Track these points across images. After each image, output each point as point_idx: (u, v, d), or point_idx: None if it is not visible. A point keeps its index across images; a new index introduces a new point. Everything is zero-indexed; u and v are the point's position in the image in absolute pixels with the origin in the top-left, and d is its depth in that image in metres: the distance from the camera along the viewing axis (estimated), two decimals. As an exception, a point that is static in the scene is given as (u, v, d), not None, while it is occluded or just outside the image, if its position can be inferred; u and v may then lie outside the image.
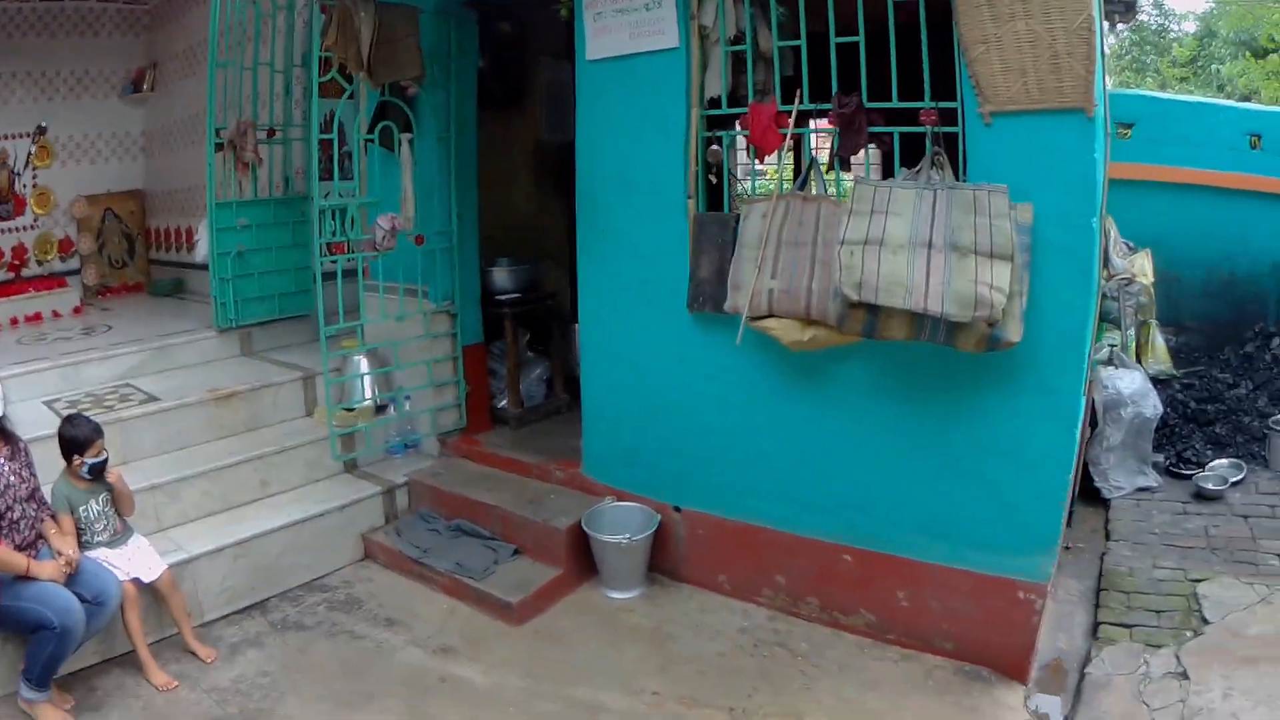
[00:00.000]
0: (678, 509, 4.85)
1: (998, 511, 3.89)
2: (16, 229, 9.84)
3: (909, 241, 3.62)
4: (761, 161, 4.38)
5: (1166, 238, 7.56)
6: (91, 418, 4.43)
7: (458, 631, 4.63)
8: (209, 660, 4.41)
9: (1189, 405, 6.83)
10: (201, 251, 7.11)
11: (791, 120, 4.15)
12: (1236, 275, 7.78)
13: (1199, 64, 25.12)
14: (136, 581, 4.30)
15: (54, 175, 10.12)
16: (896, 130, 3.98)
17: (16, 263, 9.81)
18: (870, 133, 4.05)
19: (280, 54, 6.91)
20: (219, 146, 6.75)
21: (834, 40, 4.02)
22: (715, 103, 4.48)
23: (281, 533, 5.12)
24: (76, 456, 4.22)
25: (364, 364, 5.99)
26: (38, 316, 8.68)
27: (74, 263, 10.15)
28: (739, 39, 4.36)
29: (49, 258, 9.96)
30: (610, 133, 4.85)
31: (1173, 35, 28.26)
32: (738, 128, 4.44)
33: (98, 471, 4.28)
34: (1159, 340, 6.99)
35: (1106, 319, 6.46)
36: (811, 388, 4.26)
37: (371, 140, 5.69)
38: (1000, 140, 3.70)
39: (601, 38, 4.77)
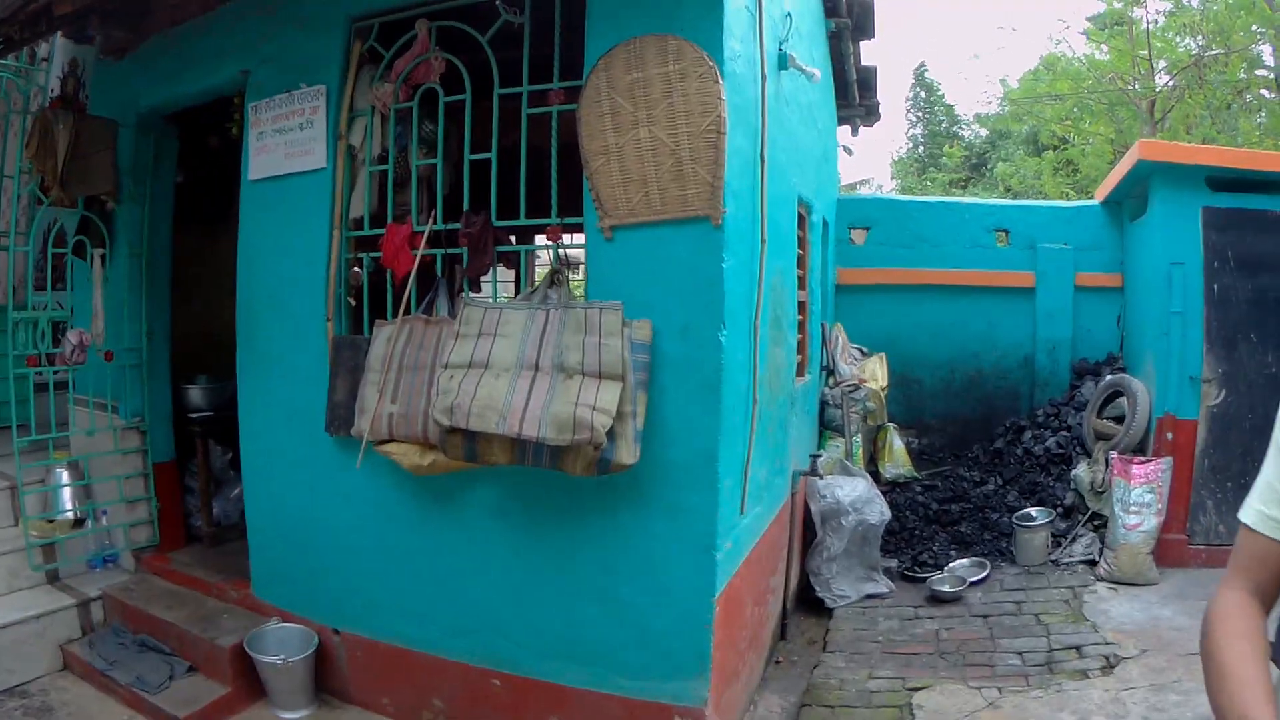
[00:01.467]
0: (336, 631, 4.82)
1: (636, 637, 3.90)
2: None
3: (514, 364, 3.70)
4: (399, 284, 4.47)
5: (906, 339, 7.89)
6: None
7: (134, 743, 4.38)
8: None
9: (930, 507, 6.99)
10: None
11: (423, 240, 4.28)
12: (984, 372, 8.09)
13: (987, 166, 26.27)
14: None
15: None
16: (523, 249, 4.24)
17: None
18: (501, 252, 4.19)
19: (11, 159, 6.88)
20: None
21: (468, 158, 4.23)
22: (359, 224, 4.63)
23: None
24: None
25: (64, 476, 5.98)
26: None
27: None
28: (384, 160, 4.53)
29: None
30: (264, 254, 4.95)
31: (964, 139, 29.60)
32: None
33: None
34: (896, 443, 7.26)
35: (829, 426, 6.71)
36: (441, 511, 4.30)
37: (64, 254, 5.84)
38: (622, 254, 3.77)
39: (261, 156, 4.89)
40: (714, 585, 3.79)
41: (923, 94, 32.26)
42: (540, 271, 5.93)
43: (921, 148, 31.99)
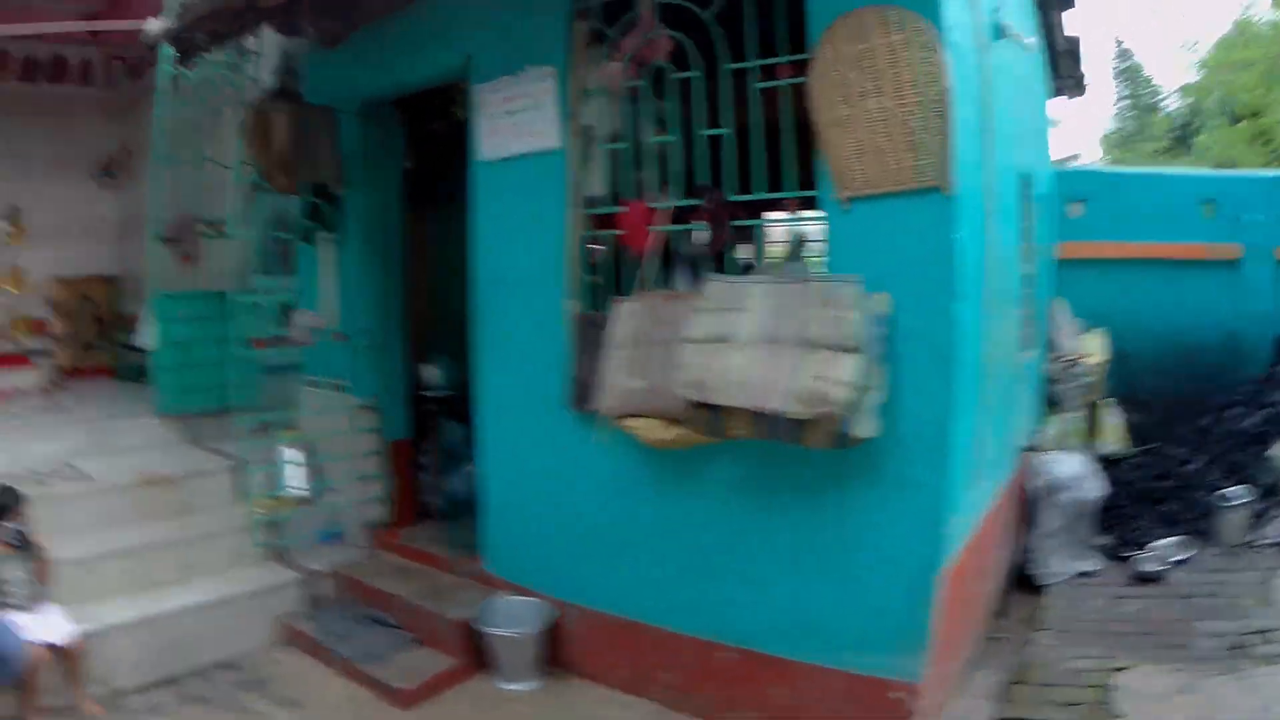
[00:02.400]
0: (566, 604, 5.19)
1: (864, 609, 4.09)
2: None
3: (756, 338, 3.95)
4: (638, 260, 4.75)
5: (1121, 315, 7.79)
6: (15, 488, 5.03)
7: (350, 713, 5.08)
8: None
9: (1139, 484, 7.00)
10: (143, 339, 7.84)
11: (659, 216, 4.59)
12: (1191, 347, 7.92)
13: (1188, 138, 25.50)
14: (47, 645, 4.74)
15: (28, 256, 10.97)
16: (759, 223, 4.39)
17: None
18: (736, 226, 4.44)
19: (231, 150, 7.42)
20: (162, 239, 7.49)
21: (701, 134, 4.48)
22: (594, 203, 4.95)
23: (197, 612, 5.63)
24: (1, 523, 4.81)
25: (293, 455, 6.48)
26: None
27: (47, 343, 10.88)
28: (617, 138, 4.84)
29: (21, 337, 10.78)
30: (500, 234, 5.38)
31: (1166, 110, 28.72)
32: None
33: (23, 538, 4.85)
34: (1111, 420, 7.19)
35: (1050, 402, 6.68)
36: (681, 485, 4.62)
37: (293, 239, 6.37)
38: (857, 226, 3.96)
39: (492, 138, 5.32)
40: (939, 559, 3.95)
41: (1124, 64, 31.19)
42: (772, 247, 6.07)
43: (1128, 120, 30.91)
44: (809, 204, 4.24)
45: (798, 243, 4.26)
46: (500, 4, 5.30)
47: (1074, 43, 8.06)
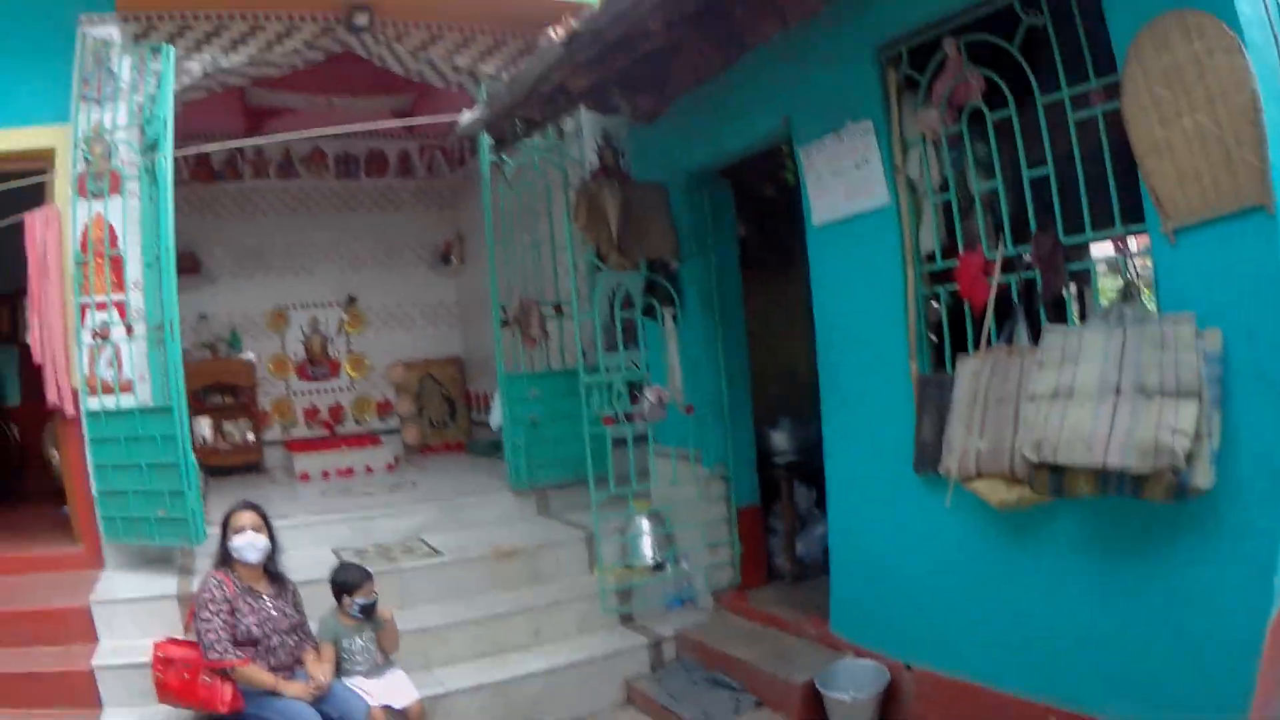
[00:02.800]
0: (907, 666, 5.49)
1: (1188, 666, 4.07)
2: (332, 390, 12.46)
3: (1096, 389, 4.10)
4: (978, 316, 4.97)
5: None
6: (362, 565, 5.73)
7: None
8: None
9: None
10: (495, 419, 8.86)
11: (997, 267, 4.82)
12: None
13: None
14: (386, 708, 5.36)
15: (367, 341, 12.68)
16: (1091, 264, 4.69)
17: (331, 421, 12.31)
18: (1071, 271, 4.67)
19: (562, 230, 8.19)
20: (504, 323, 8.43)
21: (1026, 176, 4.66)
22: (931, 258, 5.24)
23: (543, 677, 6.29)
24: (346, 597, 5.45)
25: (644, 524, 7.26)
26: (349, 471, 10.92)
27: (393, 422, 12.48)
28: (945, 188, 5.14)
29: (367, 417, 12.52)
30: (838, 297, 5.79)
31: None
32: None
33: (368, 611, 5.46)
34: None
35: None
36: (1020, 545, 4.81)
37: (631, 316, 6.98)
38: (1186, 259, 3.96)
39: (821, 199, 5.77)
40: (1269, 610, 3.84)
41: None
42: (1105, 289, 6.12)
43: None
44: (1136, 239, 4.34)
45: (1130, 282, 4.33)
46: (810, 61, 5.68)
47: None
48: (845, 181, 5.51)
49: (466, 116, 6.77)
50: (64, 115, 7.25)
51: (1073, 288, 5.15)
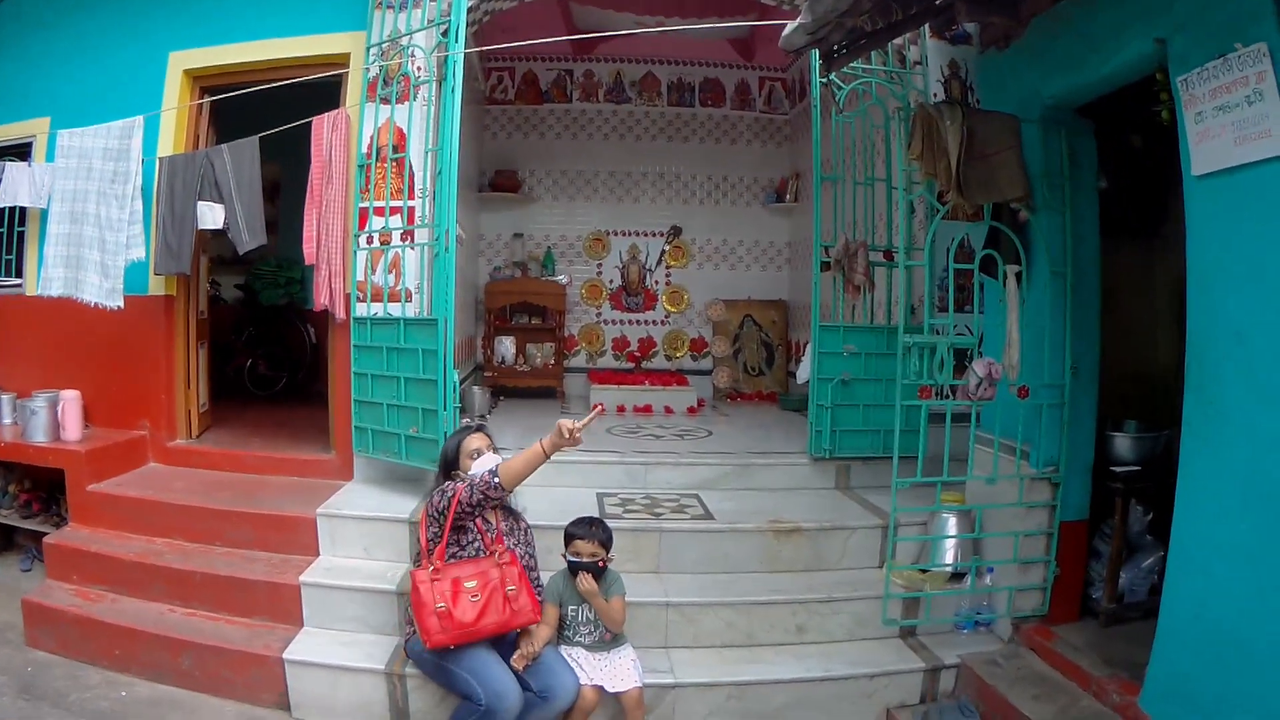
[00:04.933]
0: None
1: None
2: (646, 322, 12.52)
3: None
4: None
5: None
6: (603, 523, 5.42)
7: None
8: None
9: None
10: (804, 373, 8.19)
11: None
12: None
13: None
14: (599, 689, 5.10)
15: (688, 275, 12.71)
16: None
17: (638, 354, 12.38)
18: None
19: (899, 169, 7.64)
20: (825, 266, 7.75)
21: None
22: None
23: (792, 686, 5.65)
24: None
25: (951, 524, 6.37)
26: (648, 409, 10.74)
27: (705, 363, 12.37)
28: None
29: (679, 355, 12.44)
30: (1222, 272, 4.58)
31: None
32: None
33: (574, 570, 5.21)
34: None
35: None
36: None
37: (969, 270, 6.07)
38: None
39: (1203, 144, 4.63)
40: None
41: None
42: None
43: None
44: None
45: None
46: None
47: None
48: (1235, 121, 4.37)
49: (790, 28, 5.91)
50: (361, 22, 7.41)
51: None
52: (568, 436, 4.87)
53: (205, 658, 5.74)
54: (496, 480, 4.85)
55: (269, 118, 7.10)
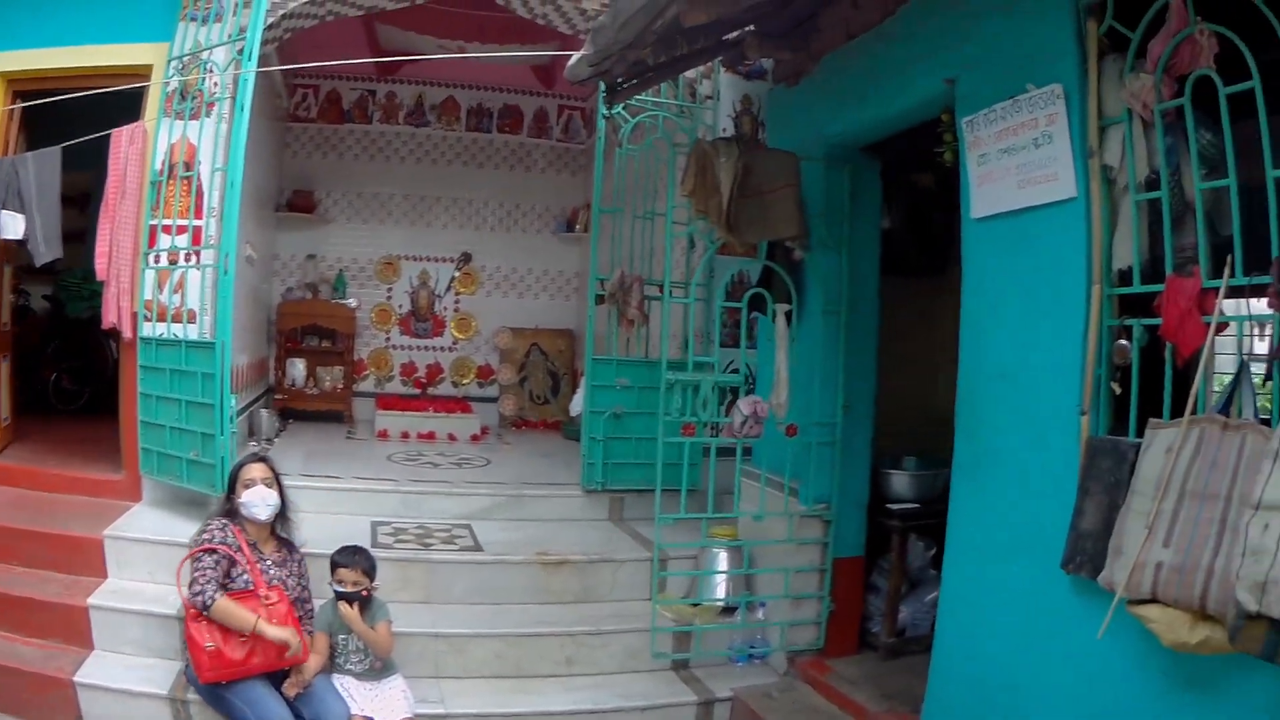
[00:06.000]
0: None
1: None
2: (434, 348, 11.97)
3: None
4: (1180, 365, 3.52)
5: None
6: (367, 551, 5.14)
7: None
8: None
9: None
10: (576, 405, 7.96)
11: (1219, 301, 3.32)
12: None
13: None
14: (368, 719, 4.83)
15: (477, 302, 12.15)
16: None
17: (426, 380, 11.78)
18: None
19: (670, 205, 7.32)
20: (600, 299, 7.41)
21: (1272, 175, 3.17)
22: (1127, 276, 3.75)
23: (561, 717, 5.37)
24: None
25: (722, 559, 6.10)
26: (432, 435, 10.20)
27: (492, 390, 11.89)
28: (1153, 184, 3.64)
29: (466, 381, 11.93)
30: (994, 314, 4.36)
31: None
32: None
33: (340, 598, 4.90)
34: None
35: None
36: (1190, 700, 3.32)
37: (738, 309, 5.78)
38: None
39: (984, 186, 4.35)
40: None
41: None
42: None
43: None
44: None
45: None
46: (985, 9, 4.34)
47: None
48: (1019, 164, 4.09)
49: (574, 57, 5.54)
50: (168, 34, 6.92)
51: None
52: (294, 680, 4.74)
53: (1, 679, 5.34)
54: (207, 605, 4.59)
55: (85, 126, 6.53)
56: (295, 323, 11.04)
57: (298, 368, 10.88)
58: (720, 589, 6.02)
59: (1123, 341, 3.71)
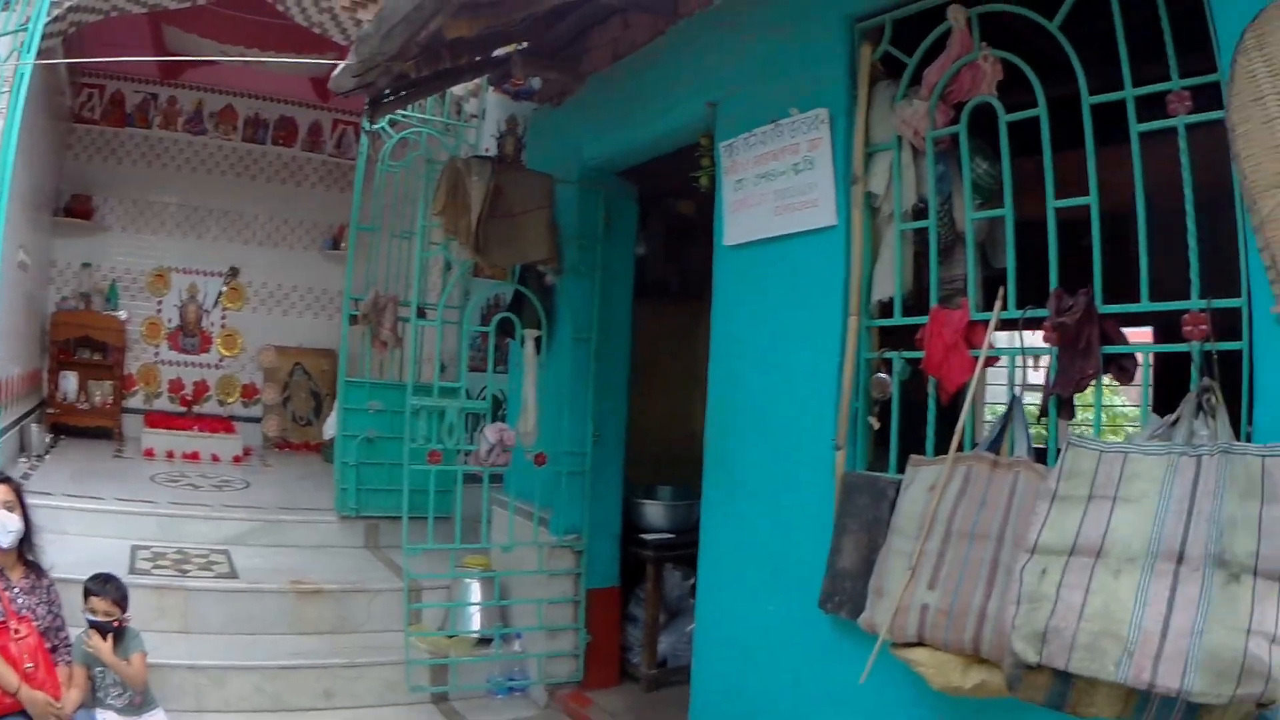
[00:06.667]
0: None
1: None
2: (200, 365, 10.84)
3: (1145, 552, 2.32)
4: (944, 400, 3.19)
5: None
6: (118, 580, 4.56)
7: None
8: None
9: None
10: (329, 429, 7.32)
11: (988, 334, 2.98)
12: None
13: None
14: None
15: (244, 319, 11.05)
16: (1146, 348, 2.78)
17: (192, 398, 10.66)
18: (1107, 354, 2.76)
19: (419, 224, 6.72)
20: (354, 319, 6.84)
21: (1052, 207, 2.87)
22: (888, 308, 3.39)
23: None
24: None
25: (475, 590, 5.58)
26: (196, 456, 9.23)
27: (257, 410, 10.81)
28: (921, 213, 3.29)
29: (231, 400, 10.82)
30: (746, 345, 3.96)
31: None
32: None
33: (92, 626, 4.39)
34: None
35: None
36: None
37: (487, 333, 5.65)
38: None
39: (740, 213, 3.95)
40: None
41: None
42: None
43: None
44: (1230, 320, 2.54)
45: (1209, 388, 2.49)
46: (753, 32, 3.97)
47: None
48: (778, 190, 3.69)
49: (339, 68, 4.95)
50: None
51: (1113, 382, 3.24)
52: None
53: None
54: None
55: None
56: (68, 334, 9.84)
57: (70, 381, 9.75)
58: (475, 620, 5.52)
59: (882, 375, 3.36)
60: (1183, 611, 2.19)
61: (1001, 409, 3.03)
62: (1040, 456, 2.84)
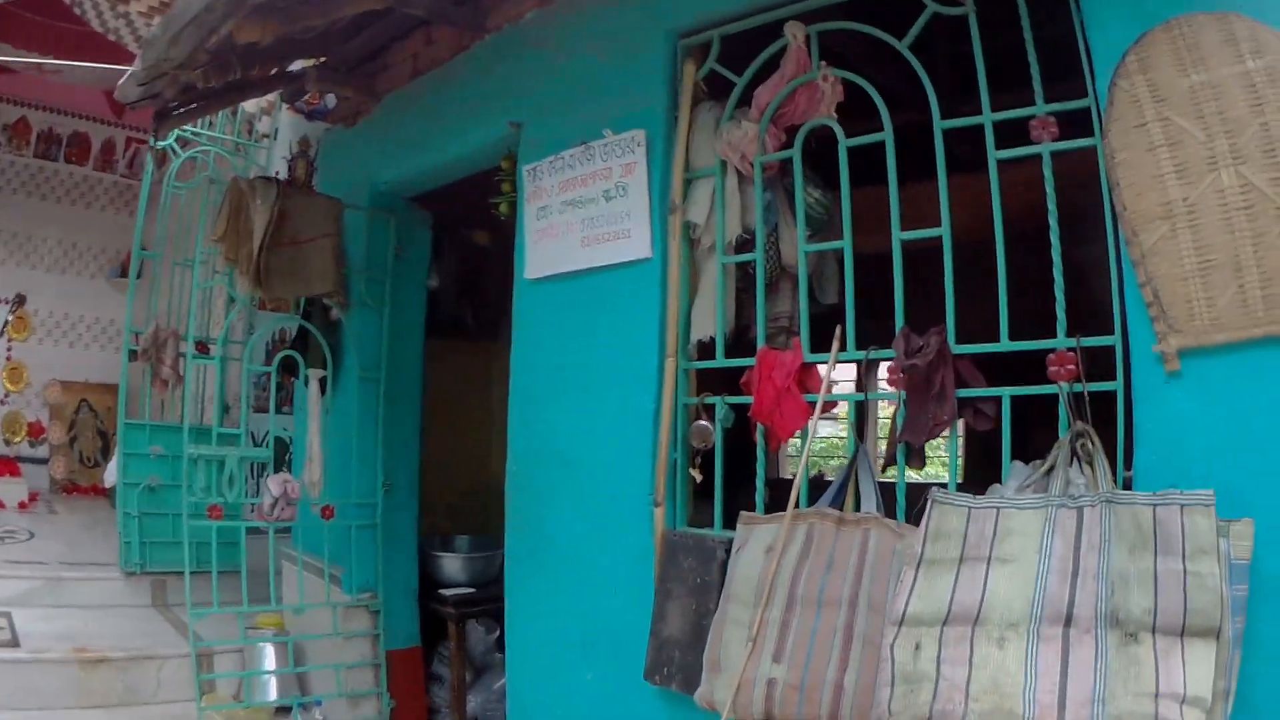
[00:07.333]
0: None
1: None
2: None
3: (1029, 615, 1.98)
4: (774, 448, 2.75)
5: None
6: None
7: None
8: None
9: None
10: (110, 475, 6.50)
11: (826, 378, 2.52)
12: None
13: None
14: None
15: (30, 351, 9.57)
16: (1005, 392, 2.32)
17: None
18: (962, 399, 2.36)
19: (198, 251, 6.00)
20: (134, 354, 5.92)
21: (898, 239, 2.48)
22: (709, 348, 2.90)
23: None
24: None
25: (269, 654, 4.82)
26: None
27: (44, 450, 9.42)
28: (748, 244, 2.82)
29: (17, 440, 9.33)
30: (551, 388, 3.41)
31: None
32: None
33: None
34: None
35: None
36: None
37: (269, 373, 4.73)
38: (1196, 400, 2.04)
39: (545, 243, 3.40)
40: None
41: None
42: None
43: None
44: (1097, 362, 2.24)
45: (1083, 433, 2.11)
46: (565, 48, 3.45)
47: None
48: (586, 218, 3.18)
49: (125, 75, 4.25)
50: None
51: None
52: None
53: None
54: None
55: None
56: None
57: None
58: (271, 688, 4.76)
59: (703, 422, 2.86)
60: (1079, 679, 1.88)
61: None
62: (890, 511, 2.41)
